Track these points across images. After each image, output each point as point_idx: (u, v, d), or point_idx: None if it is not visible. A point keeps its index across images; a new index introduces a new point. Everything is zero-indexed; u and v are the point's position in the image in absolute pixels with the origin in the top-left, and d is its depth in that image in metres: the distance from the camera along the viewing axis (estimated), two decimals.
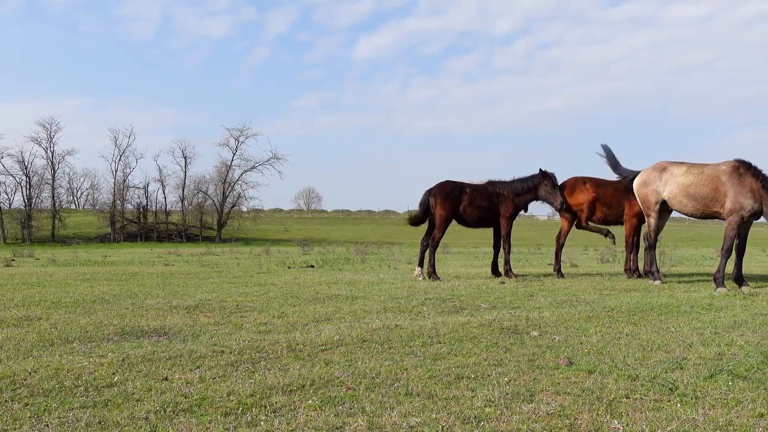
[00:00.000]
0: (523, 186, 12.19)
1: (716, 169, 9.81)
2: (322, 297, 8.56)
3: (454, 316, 6.79)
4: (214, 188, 70.77)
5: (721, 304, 7.53)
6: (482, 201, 11.98)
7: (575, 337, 5.47)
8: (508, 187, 12.19)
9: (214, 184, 70.87)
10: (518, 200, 12.21)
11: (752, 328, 5.85)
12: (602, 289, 9.51)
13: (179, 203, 70.66)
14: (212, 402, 3.57)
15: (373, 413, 3.35)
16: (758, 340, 5.21)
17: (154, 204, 70.31)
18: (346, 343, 5.21)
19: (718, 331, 5.72)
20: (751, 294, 8.64)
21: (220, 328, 6.10)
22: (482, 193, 12.06)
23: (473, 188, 12.09)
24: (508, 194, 12.12)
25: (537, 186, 12.16)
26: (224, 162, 70.89)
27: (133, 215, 68.62)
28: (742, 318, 6.47)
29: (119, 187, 67.55)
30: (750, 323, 6.15)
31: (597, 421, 3.20)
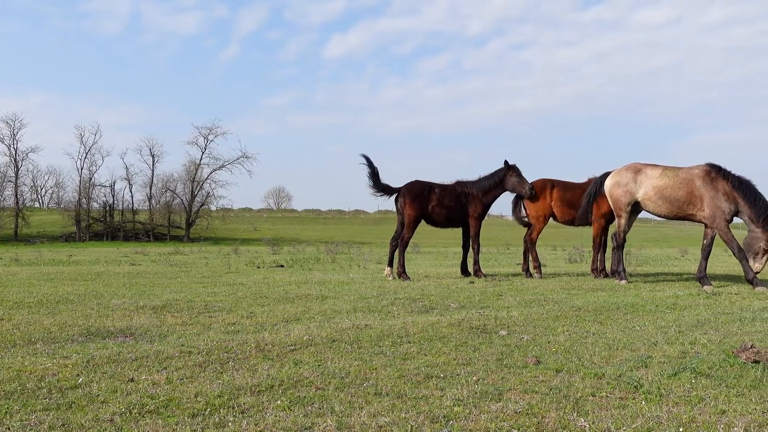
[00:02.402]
0: (490, 182, 12.32)
1: (690, 173, 10.02)
2: (292, 297, 8.52)
3: (424, 315, 6.81)
4: (182, 187, 69.88)
5: (685, 304, 7.68)
6: (451, 201, 12.05)
7: (543, 336, 5.53)
8: (476, 186, 12.28)
9: (183, 183, 69.99)
10: (486, 198, 12.31)
11: (715, 327, 5.97)
12: (570, 289, 9.63)
13: (146, 202, 69.56)
14: (179, 403, 3.52)
15: (342, 413, 3.34)
16: (720, 339, 5.32)
17: (120, 203, 69.21)
18: (316, 343, 5.20)
19: (682, 329, 5.83)
20: (714, 293, 8.82)
21: (188, 328, 6.04)
22: (451, 193, 12.13)
23: (442, 188, 12.16)
24: (477, 193, 12.21)
25: (503, 179, 12.30)
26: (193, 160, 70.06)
27: (99, 214, 67.42)
28: (705, 317, 6.60)
29: (85, 185, 66.29)
30: (713, 322, 6.28)
31: (564, 419, 3.24)
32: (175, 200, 69.26)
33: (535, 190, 12.30)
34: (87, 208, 65.68)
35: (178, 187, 69.99)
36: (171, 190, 69.56)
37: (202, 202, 69.16)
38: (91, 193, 66.45)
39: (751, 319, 6.46)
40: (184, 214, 67.87)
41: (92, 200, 66.81)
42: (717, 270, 14.56)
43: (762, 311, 7.00)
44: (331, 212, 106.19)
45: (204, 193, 69.34)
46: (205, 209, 69.54)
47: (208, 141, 69.29)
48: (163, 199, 69.43)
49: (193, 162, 69.88)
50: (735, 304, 7.64)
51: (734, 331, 5.75)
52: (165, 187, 69.64)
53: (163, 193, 69.61)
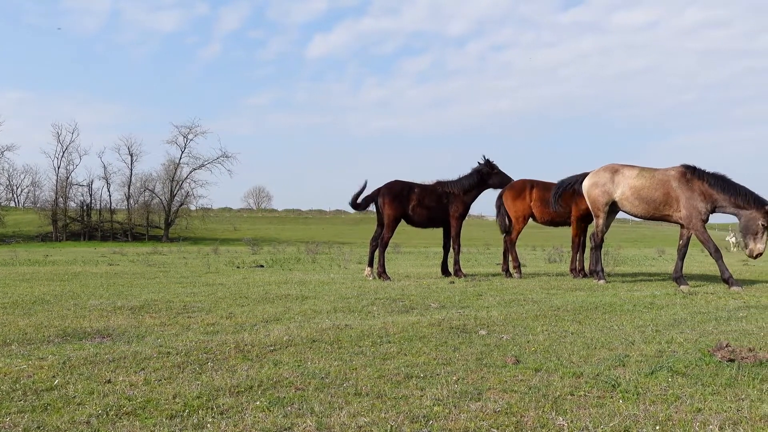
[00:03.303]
0: (471, 181, 12.37)
1: (666, 174, 10.14)
2: (272, 297, 8.48)
3: (404, 315, 6.82)
4: (161, 186, 69.40)
5: (662, 303, 7.76)
6: (431, 201, 12.06)
7: (522, 335, 5.56)
8: (457, 185, 12.32)
9: (162, 182, 69.50)
10: (468, 197, 12.36)
11: (691, 326, 6.04)
12: (549, 289, 9.70)
13: (125, 201, 68.98)
14: (157, 404, 3.49)
15: (321, 413, 3.34)
16: (696, 338, 5.39)
17: (98, 202, 68.56)
18: (296, 343, 5.18)
19: (659, 329, 5.89)
20: (690, 293, 8.93)
21: (167, 329, 5.98)
22: (431, 193, 12.15)
23: (422, 188, 12.17)
24: (459, 192, 12.25)
25: (487, 177, 12.40)
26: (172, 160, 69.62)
27: (77, 213, 66.67)
28: (681, 316, 6.68)
29: (62, 184, 65.54)
30: (689, 321, 6.36)
31: (543, 418, 3.26)
32: (153, 200, 68.74)
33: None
34: (64, 207, 64.93)
35: (156, 186, 69.53)
36: (150, 189, 69.03)
37: (182, 202, 68.70)
38: (68, 193, 65.73)
39: (727, 318, 6.55)
40: (163, 214, 67.36)
41: (69, 200, 66.12)
42: (693, 270, 14.74)
43: (737, 310, 7.10)
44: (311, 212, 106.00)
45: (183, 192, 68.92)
46: (185, 209, 69.07)
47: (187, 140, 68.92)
48: (141, 199, 68.88)
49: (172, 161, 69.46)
50: (711, 304, 7.74)
51: (710, 330, 5.82)
52: (144, 187, 69.11)
53: (142, 193, 69.08)
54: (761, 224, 9.45)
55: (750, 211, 9.55)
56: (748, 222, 9.57)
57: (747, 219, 9.58)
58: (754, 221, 9.52)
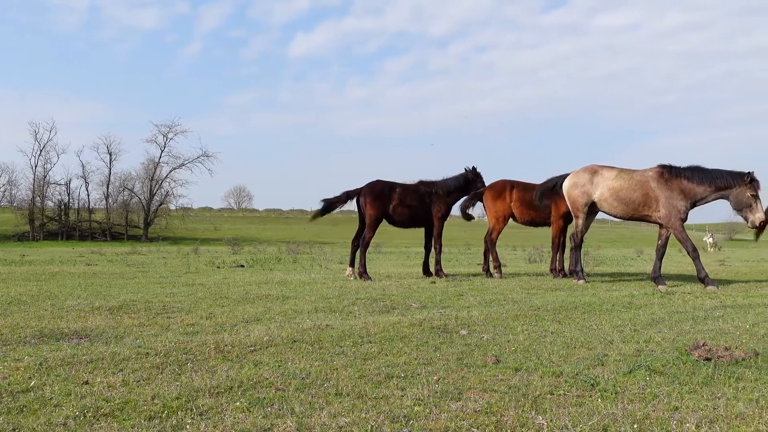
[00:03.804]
0: (456, 184, 12.44)
1: (644, 175, 10.24)
2: (252, 297, 8.44)
3: (385, 315, 6.82)
4: (140, 185, 68.78)
5: (640, 303, 7.84)
6: (413, 201, 12.08)
7: (503, 335, 5.58)
8: (441, 186, 12.36)
9: (141, 182, 68.88)
10: (450, 198, 12.42)
11: (669, 325, 6.11)
12: (529, 289, 9.75)
13: (103, 201, 68.28)
14: (135, 406, 3.46)
15: (302, 414, 3.32)
16: (674, 337, 5.45)
17: (76, 201, 67.73)
18: (276, 343, 5.16)
19: (637, 328, 5.95)
20: (668, 293, 9.03)
21: (145, 329, 5.93)
22: (413, 193, 12.16)
23: (404, 188, 12.18)
24: (442, 193, 12.28)
25: (471, 183, 12.49)
26: (152, 159, 69.04)
27: (54, 213, 65.81)
28: (659, 315, 6.76)
29: (39, 183, 64.68)
30: (667, 320, 6.43)
31: (522, 418, 3.27)
32: (132, 199, 68.11)
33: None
34: (41, 206, 64.10)
35: (136, 185, 68.90)
36: (129, 188, 68.40)
37: (161, 201, 68.15)
38: (45, 192, 64.87)
39: (704, 317, 6.63)
40: (142, 214, 66.78)
41: (47, 199, 65.24)
42: (671, 270, 14.91)
43: (713, 310, 7.19)
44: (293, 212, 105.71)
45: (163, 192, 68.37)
46: (164, 208, 68.52)
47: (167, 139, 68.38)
48: (120, 198, 68.23)
49: (152, 160, 68.89)
50: (688, 303, 7.83)
51: (687, 329, 5.89)
52: (123, 186, 68.47)
53: (121, 192, 68.42)
54: (750, 195, 9.61)
55: (734, 188, 9.70)
56: (738, 198, 9.71)
57: (736, 196, 9.73)
58: (742, 195, 9.66)
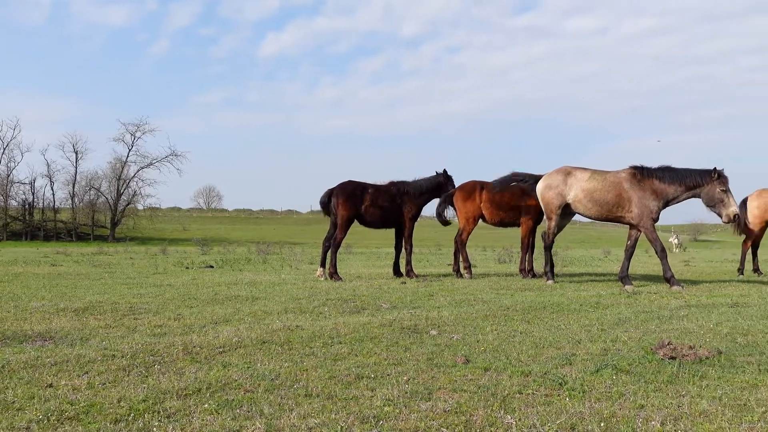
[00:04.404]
0: (428, 185, 12.49)
1: (617, 176, 10.38)
2: (221, 298, 8.37)
3: (356, 316, 6.82)
4: (107, 185, 67.61)
5: (607, 303, 7.95)
6: (384, 201, 12.09)
7: (472, 335, 5.61)
8: (413, 187, 12.39)
9: (108, 181, 67.71)
10: (421, 199, 12.46)
11: (635, 325, 6.20)
12: (499, 289, 9.82)
13: (69, 200, 66.95)
14: (101, 409, 3.40)
15: (271, 416, 3.30)
16: (640, 336, 5.53)
17: (41, 201, 66.29)
18: (245, 344, 5.12)
19: (605, 327, 6.03)
20: (635, 293, 9.17)
21: (112, 331, 5.84)
22: (384, 194, 12.17)
23: (375, 188, 12.19)
24: (413, 194, 12.32)
25: (443, 186, 12.55)
26: (119, 158, 67.90)
27: (18, 212, 64.36)
28: (626, 315, 6.85)
29: (2, 182, 63.20)
30: (633, 320, 6.52)
31: (491, 417, 3.29)
32: (99, 199, 66.96)
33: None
34: (4, 206, 62.62)
35: (102, 185, 67.72)
36: (95, 188, 67.23)
37: (129, 201, 67.13)
38: (9, 191, 63.39)
39: (669, 317, 6.75)
40: (109, 213, 65.70)
41: (10, 198, 63.72)
42: (637, 270, 15.14)
43: (678, 309, 7.32)
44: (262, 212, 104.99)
45: (130, 191, 67.34)
46: (132, 208, 67.52)
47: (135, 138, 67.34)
48: (86, 198, 67.03)
49: (119, 159, 67.79)
50: (654, 303, 7.96)
51: (653, 328, 5.99)
52: (89, 185, 67.26)
53: (87, 192, 67.21)
54: (720, 190, 9.78)
55: (704, 186, 9.88)
56: (710, 195, 9.88)
57: (707, 193, 9.90)
58: (713, 192, 9.83)
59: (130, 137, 67.21)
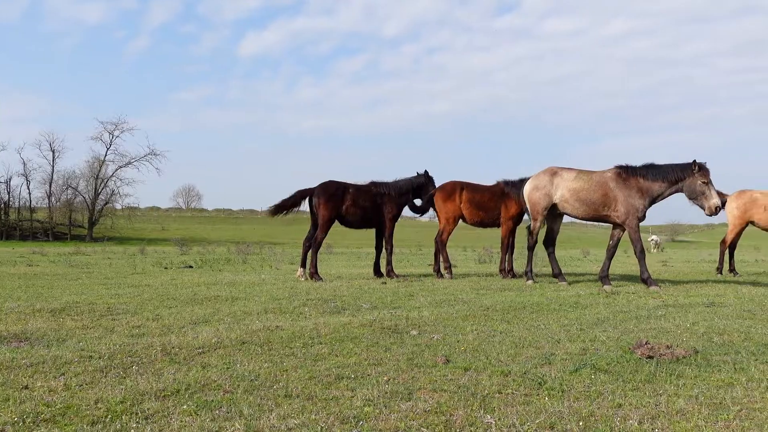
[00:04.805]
0: (408, 186, 12.50)
1: (603, 176, 10.46)
2: (201, 298, 8.31)
3: (336, 316, 6.80)
4: (85, 184, 66.95)
5: (586, 303, 8.01)
6: (365, 201, 12.08)
7: (453, 335, 5.62)
8: (393, 187, 12.39)
9: (86, 180, 67.05)
10: (402, 199, 12.47)
11: (613, 325, 6.26)
12: (479, 289, 9.86)
13: (46, 199, 66.22)
14: (78, 410, 3.36)
15: (251, 416, 3.29)
16: (618, 336, 5.58)
17: (17, 200, 65.47)
18: (225, 345, 5.09)
19: (583, 327, 6.07)
20: (613, 293, 9.25)
21: (89, 331, 5.77)
22: (365, 194, 12.16)
23: (356, 188, 12.18)
24: (394, 194, 12.32)
25: (424, 187, 12.56)
26: (97, 157, 67.28)
27: None
28: (604, 315, 6.91)
29: None
30: (611, 320, 6.58)
31: (471, 417, 3.30)
32: (77, 198, 66.28)
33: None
34: None
35: (80, 184, 67.07)
36: (73, 187, 66.54)
37: (107, 201, 66.51)
38: None
39: (646, 316, 6.82)
40: (86, 213, 65.04)
41: None
42: (616, 270, 15.27)
43: (656, 309, 7.40)
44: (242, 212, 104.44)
45: (108, 190, 66.74)
46: (110, 208, 66.92)
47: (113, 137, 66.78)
48: (63, 197, 66.31)
49: (97, 158, 67.16)
50: (632, 303, 8.04)
51: (631, 328, 6.04)
52: (66, 184, 66.57)
53: (64, 191, 66.51)
54: (701, 182, 9.83)
55: (686, 180, 9.95)
56: (692, 188, 9.93)
57: (689, 186, 9.96)
58: (695, 185, 9.88)
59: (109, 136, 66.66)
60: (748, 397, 3.66)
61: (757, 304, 7.84)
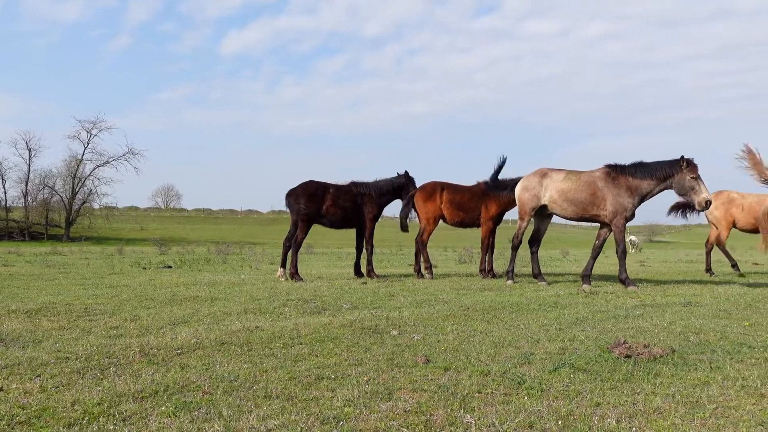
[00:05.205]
0: (389, 186, 12.51)
1: (592, 176, 10.53)
2: (180, 299, 8.24)
3: (316, 316, 6.79)
4: (62, 183, 66.07)
5: (565, 302, 8.07)
6: (346, 201, 12.08)
7: (433, 335, 5.64)
8: (374, 188, 12.40)
9: (63, 179, 66.17)
10: (382, 200, 12.48)
11: (592, 324, 6.31)
12: (459, 289, 9.89)
13: (22, 199, 65.24)
14: (54, 413, 3.32)
15: (230, 418, 3.27)
16: (597, 335, 5.63)
17: None
18: (204, 346, 5.05)
19: (562, 327, 6.12)
20: (592, 292, 9.32)
21: (66, 332, 5.70)
22: (346, 194, 12.16)
23: (336, 188, 12.16)
24: (374, 194, 12.32)
25: (404, 188, 12.57)
26: (74, 156, 66.44)
27: None
28: (583, 315, 6.97)
29: None
30: (590, 319, 6.64)
31: (451, 416, 3.31)
32: (53, 197, 65.40)
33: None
34: None
35: (57, 183, 66.16)
36: (49, 186, 65.63)
37: (84, 200, 65.72)
38: None
39: (624, 316, 6.88)
40: (63, 213, 64.23)
41: None
42: (594, 271, 15.39)
43: (634, 309, 7.47)
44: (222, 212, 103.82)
45: (86, 190, 65.94)
46: (87, 207, 66.12)
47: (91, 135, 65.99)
48: (40, 196, 65.39)
49: (74, 157, 66.34)
50: (610, 303, 8.11)
51: (609, 327, 6.10)
52: (43, 184, 65.64)
53: (41, 190, 65.58)
54: (690, 178, 9.86)
55: (675, 176, 10.01)
56: (681, 184, 9.96)
57: (678, 183, 10.00)
58: (684, 180, 9.92)
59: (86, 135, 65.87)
60: (723, 396, 3.71)
61: (733, 304, 7.95)
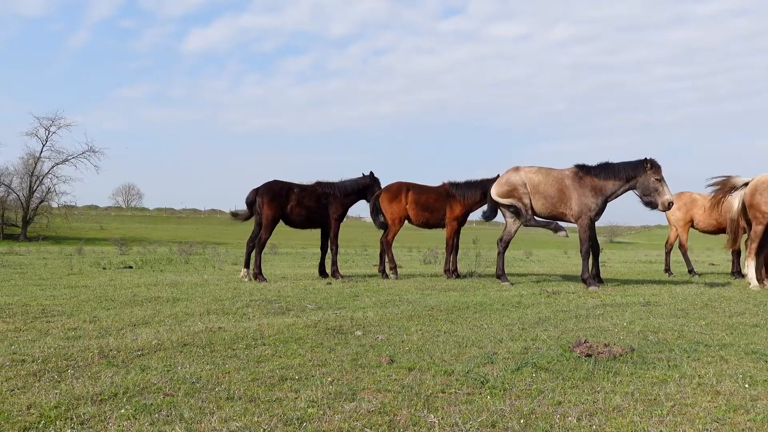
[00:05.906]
0: (354, 187, 12.51)
1: (561, 173, 10.69)
2: (141, 299, 8.11)
3: (280, 317, 6.74)
4: (19, 181, 64.34)
5: (528, 302, 8.16)
6: (310, 201, 12.04)
7: (397, 335, 5.65)
8: (339, 188, 12.38)
9: (20, 177, 64.42)
10: (347, 200, 12.48)
11: (554, 324, 6.40)
12: (424, 289, 9.92)
13: None
14: (9, 416, 3.23)
15: (191, 420, 3.22)
16: (559, 335, 5.71)
17: None
18: (165, 347, 4.98)
19: (525, 327, 6.18)
20: (554, 292, 9.44)
21: (22, 334, 5.56)
22: (311, 194, 12.12)
23: (301, 188, 12.11)
24: (339, 195, 12.31)
25: (369, 189, 12.58)
26: (32, 153, 64.66)
27: None
28: (545, 314, 7.06)
29: None
30: (552, 319, 6.72)
31: (415, 416, 3.32)
32: (10, 196, 63.67)
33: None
34: None
35: (13, 181, 64.34)
36: (5, 184, 63.86)
37: (42, 199, 64.16)
38: None
39: (586, 316, 6.99)
40: (20, 211, 62.60)
41: None
42: (556, 270, 15.61)
43: (594, 309, 7.59)
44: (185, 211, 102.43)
45: (44, 188, 64.33)
46: (45, 206, 64.54)
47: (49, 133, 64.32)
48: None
49: (32, 155, 64.60)
50: (572, 303, 8.22)
51: (571, 327, 6.19)
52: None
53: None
54: (654, 179, 10.01)
55: (639, 177, 10.15)
56: (645, 185, 10.10)
57: (642, 184, 10.14)
58: (648, 182, 10.06)
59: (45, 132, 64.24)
60: (680, 394, 3.79)
61: (690, 303, 8.13)
